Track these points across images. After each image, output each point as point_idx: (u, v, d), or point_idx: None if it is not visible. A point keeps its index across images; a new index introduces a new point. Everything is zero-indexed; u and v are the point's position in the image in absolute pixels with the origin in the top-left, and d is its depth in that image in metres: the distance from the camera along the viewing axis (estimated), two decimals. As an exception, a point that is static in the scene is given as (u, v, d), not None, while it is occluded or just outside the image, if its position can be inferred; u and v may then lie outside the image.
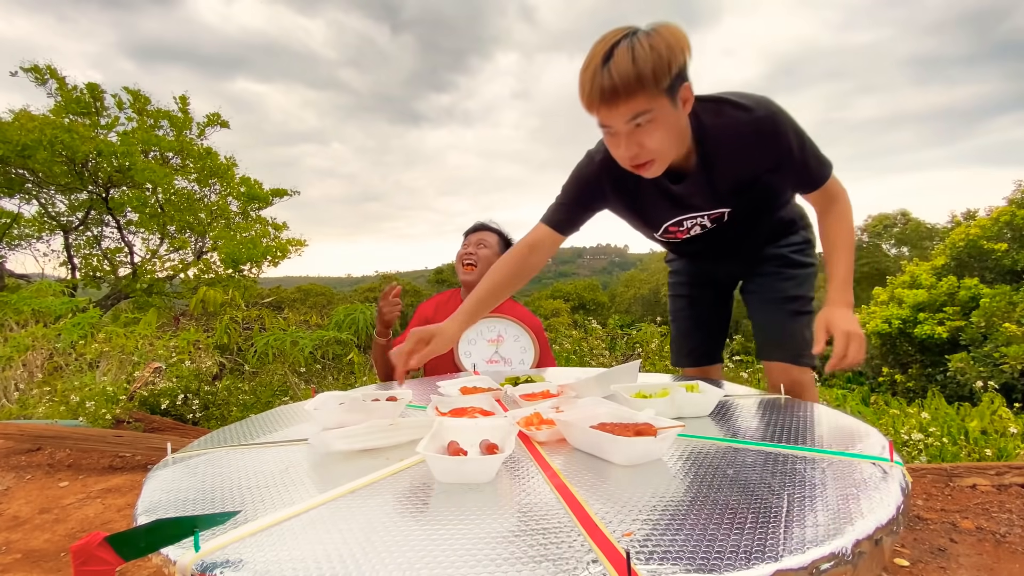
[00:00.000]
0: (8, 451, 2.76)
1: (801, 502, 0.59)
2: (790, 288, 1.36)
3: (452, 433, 0.81)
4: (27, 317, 4.95)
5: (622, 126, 0.98)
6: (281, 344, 4.00)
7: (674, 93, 0.97)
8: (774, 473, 0.68)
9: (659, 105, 0.95)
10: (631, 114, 0.95)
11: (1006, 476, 1.91)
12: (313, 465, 0.82)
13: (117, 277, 9.82)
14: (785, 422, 0.93)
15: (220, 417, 3.48)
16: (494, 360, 1.97)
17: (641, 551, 0.49)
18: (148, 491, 0.75)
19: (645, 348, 5.29)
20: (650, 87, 0.92)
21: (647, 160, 1.03)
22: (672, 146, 1.04)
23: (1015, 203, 12.41)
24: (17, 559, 1.68)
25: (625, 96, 0.93)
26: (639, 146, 1.00)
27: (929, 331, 9.76)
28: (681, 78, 0.97)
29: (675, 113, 0.99)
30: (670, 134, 1.01)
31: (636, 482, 0.68)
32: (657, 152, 1.02)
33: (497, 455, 0.70)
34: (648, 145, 1.00)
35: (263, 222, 10.72)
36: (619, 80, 0.91)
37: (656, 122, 0.97)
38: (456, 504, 0.63)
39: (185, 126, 10.33)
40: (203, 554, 0.52)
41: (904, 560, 1.43)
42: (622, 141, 1.01)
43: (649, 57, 0.90)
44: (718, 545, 0.50)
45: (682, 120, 1.03)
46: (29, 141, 7.57)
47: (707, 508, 0.58)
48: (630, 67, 0.90)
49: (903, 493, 0.62)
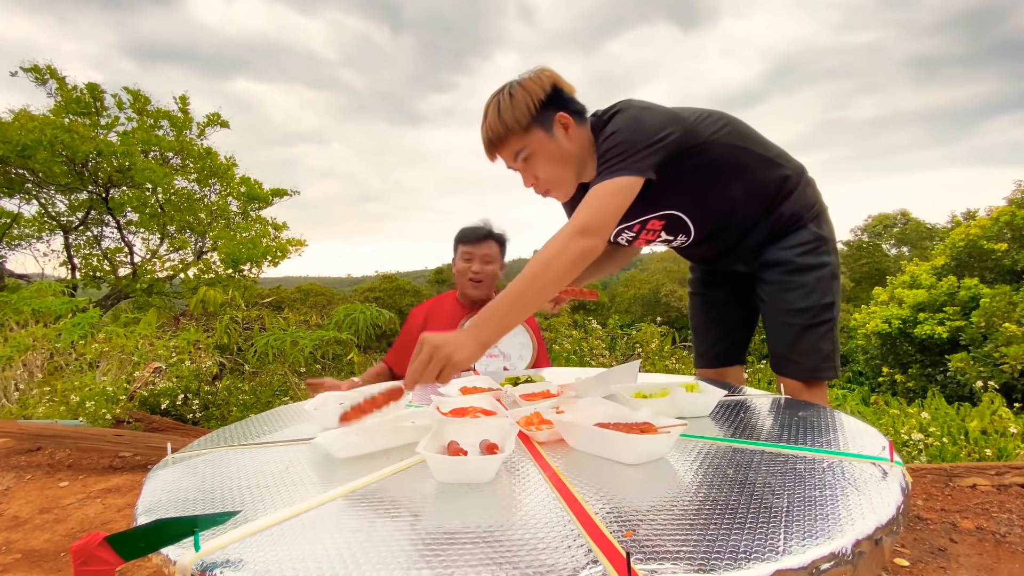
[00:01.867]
0: (8, 451, 2.76)
1: (801, 502, 0.59)
2: (797, 299, 1.24)
3: (452, 433, 0.81)
4: (27, 317, 4.95)
5: (514, 164, 1.14)
6: (281, 344, 4.00)
7: (547, 125, 1.10)
8: (774, 473, 0.68)
9: (532, 140, 1.10)
10: (512, 154, 1.12)
11: (1006, 476, 1.91)
12: (313, 465, 0.82)
13: (117, 277, 9.82)
14: (785, 422, 0.93)
15: (220, 417, 3.48)
16: (493, 355, 1.97)
17: (641, 551, 0.49)
18: (148, 491, 0.75)
19: (645, 348, 5.29)
20: (516, 129, 1.08)
21: (546, 188, 1.17)
22: (565, 169, 1.15)
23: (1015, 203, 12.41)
24: (17, 559, 1.68)
25: (499, 142, 1.11)
26: (534, 178, 1.15)
27: (929, 331, 9.76)
28: (551, 109, 1.10)
29: (553, 141, 1.11)
30: (555, 160, 1.13)
31: (636, 482, 0.68)
32: (551, 179, 1.15)
33: (497, 455, 0.70)
34: (540, 175, 1.14)
35: (263, 222, 10.72)
36: (491, 131, 1.11)
37: (536, 154, 1.11)
38: (456, 504, 0.63)
39: (185, 126, 10.33)
40: (203, 554, 0.52)
41: (904, 560, 1.43)
42: (522, 177, 1.17)
43: (510, 105, 1.08)
44: (718, 545, 0.50)
45: (568, 144, 1.13)
46: (29, 141, 7.57)
47: (707, 508, 0.58)
48: (496, 119, 1.09)
49: (903, 493, 0.62)
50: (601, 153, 1.07)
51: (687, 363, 4.87)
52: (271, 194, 10.81)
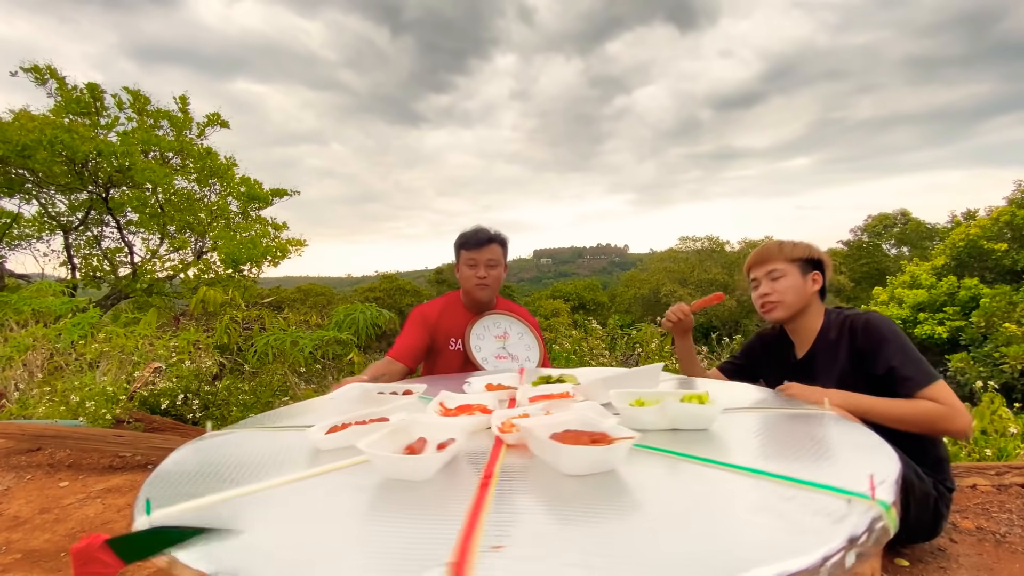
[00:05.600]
0: (8, 451, 2.76)
1: (712, 533, 0.52)
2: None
3: (421, 430, 0.82)
4: (27, 317, 4.95)
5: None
6: (281, 344, 3.99)
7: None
8: (708, 496, 0.62)
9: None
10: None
11: (1006, 476, 1.91)
12: (301, 451, 0.89)
13: (117, 277, 9.82)
14: (777, 437, 0.86)
15: (220, 417, 3.48)
16: (502, 356, 1.99)
17: (492, 567, 0.47)
18: (168, 460, 0.87)
19: (645, 348, 5.29)
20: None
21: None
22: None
23: (1015, 203, 12.41)
24: (17, 559, 1.68)
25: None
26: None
27: (929, 331, 9.76)
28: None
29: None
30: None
31: (569, 493, 0.64)
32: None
33: (425, 455, 0.71)
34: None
35: (263, 222, 10.72)
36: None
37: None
38: (381, 501, 0.65)
39: (185, 126, 10.32)
40: (154, 519, 0.62)
41: (904, 560, 1.43)
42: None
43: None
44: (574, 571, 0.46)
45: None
46: (29, 141, 7.57)
47: (601, 527, 0.55)
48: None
49: (850, 542, 0.49)
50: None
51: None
52: (271, 194, 10.80)
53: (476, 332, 1.99)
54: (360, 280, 77.69)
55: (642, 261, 28.25)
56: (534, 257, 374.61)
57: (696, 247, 26.25)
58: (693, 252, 25.95)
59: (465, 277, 1.98)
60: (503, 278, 2.04)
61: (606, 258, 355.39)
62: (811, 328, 1.48)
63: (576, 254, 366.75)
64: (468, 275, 1.97)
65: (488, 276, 1.95)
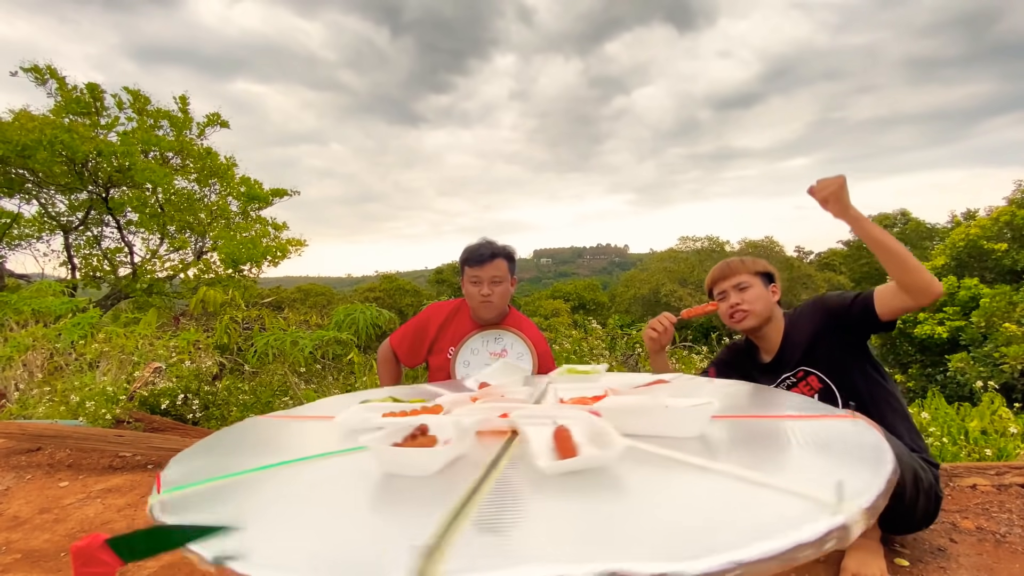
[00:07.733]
0: (8, 451, 2.76)
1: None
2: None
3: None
4: (27, 317, 4.95)
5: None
6: (281, 344, 3.99)
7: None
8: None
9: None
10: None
11: (1006, 476, 1.91)
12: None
13: (117, 277, 9.82)
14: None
15: (220, 417, 3.48)
16: (495, 353, 1.97)
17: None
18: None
19: (645, 348, 5.29)
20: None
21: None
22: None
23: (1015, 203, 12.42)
24: (17, 559, 1.68)
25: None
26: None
27: (929, 331, 9.76)
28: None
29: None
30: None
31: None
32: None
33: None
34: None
35: (263, 222, 10.73)
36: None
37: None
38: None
39: (185, 126, 10.33)
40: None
41: (904, 560, 1.43)
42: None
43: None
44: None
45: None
46: (29, 141, 7.57)
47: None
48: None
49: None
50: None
51: (687, 363, 4.87)
52: (271, 194, 10.81)
53: (471, 347, 1.95)
54: (360, 280, 77.85)
55: (642, 261, 28.28)
56: (534, 257, 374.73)
57: (696, 247, 26.24)
58: (693, 252, 25.94)
59: (470, 295, 1.94)
60: (511, 293, 1.99)
61: (606, 258, 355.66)
62: (777, 332, 1.61)
63: (576, 254, 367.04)
64: (472, 292, 1.92)
65: (492, 293, 1.90)
